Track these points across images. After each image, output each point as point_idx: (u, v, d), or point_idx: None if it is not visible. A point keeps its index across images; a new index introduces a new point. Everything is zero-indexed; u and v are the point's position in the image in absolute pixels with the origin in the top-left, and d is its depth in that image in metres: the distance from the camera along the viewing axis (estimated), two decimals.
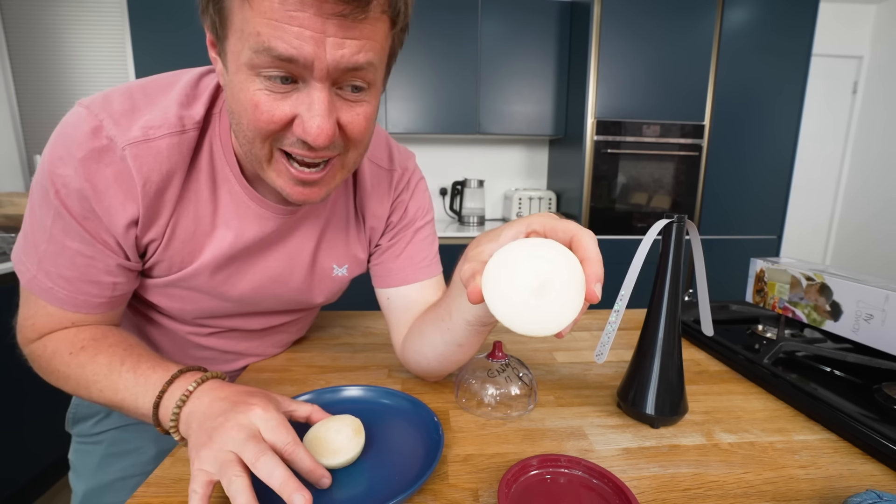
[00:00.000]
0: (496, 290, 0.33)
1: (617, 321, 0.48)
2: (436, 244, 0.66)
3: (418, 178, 0.64)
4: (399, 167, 0.61)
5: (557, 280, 0.33)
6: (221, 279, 0.54)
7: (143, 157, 0.43)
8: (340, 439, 0.41)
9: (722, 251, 2.44)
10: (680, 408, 0.50)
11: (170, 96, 0.46)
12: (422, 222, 0.64)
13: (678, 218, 0.47)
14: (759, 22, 2.24)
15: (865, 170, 3.05)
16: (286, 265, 0.57)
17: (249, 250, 0.53)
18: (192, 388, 0.41)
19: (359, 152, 0.45)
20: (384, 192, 0.60)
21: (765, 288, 0.74)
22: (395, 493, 0.36)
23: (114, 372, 0.44)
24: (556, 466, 0.40)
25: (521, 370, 0.55)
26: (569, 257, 0.34)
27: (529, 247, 0.35)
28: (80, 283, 0.46)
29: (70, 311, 0.47)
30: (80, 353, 0.46)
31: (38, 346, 0.48)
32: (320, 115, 0.37)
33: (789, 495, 0.40)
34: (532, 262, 0.34)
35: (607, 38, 2.20)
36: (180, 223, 0.48)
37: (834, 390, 0.56)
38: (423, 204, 0.64)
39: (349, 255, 0.61)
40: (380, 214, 0.61)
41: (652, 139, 2.29)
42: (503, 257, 0.35)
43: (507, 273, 0.34)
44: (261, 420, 0.37)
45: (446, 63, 2.42)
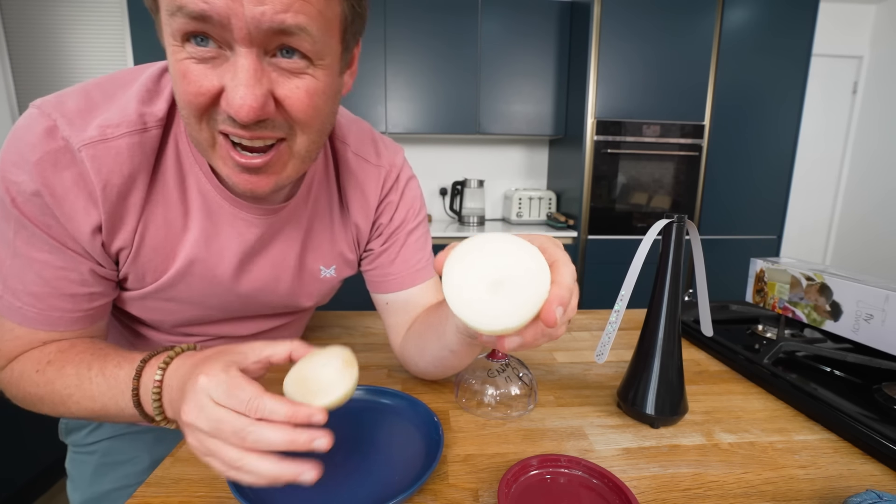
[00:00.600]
0: (452, 272, 0.32)
1: (617, 321, 0.48)
2: (429, 244, 0.64)
3: (408, 177, 0.61)
4: (387, 163, 0.58)
5: (515, 278, 0.31)
6: (197, 292, 0.51)
7: (102, 159, 0.40)
8: (328, 373, 0.35)
9: (722, 251, 2.44)
10: (680, 408, 0.50)
11: (129, 93, 0.42)
12: (414, 223, 0.61)
13: (678, 218, 0.47)
14: (759, 22, 2.24)
15: (865, 170, 3.05)
16: (271, 273, 0.54)
17: (232, 262, 0.50)
18: (158, 377, 0.38)
19: (310, 138, 0.40)
20: (372, 190, 0.57)
21: (765, 288, 0.74)
22: (395, 493, 0.36)
23: (84, 380, 0.41)
24: (556, 466, 0.40)
25: (521, 370, 0.55)
26: (539, 262, 0.31)
27: (501, 240, 0.32)
28: (51, 298, 0.43)
29: (43, 330, 0.44)
30: (47, 368, 0.42)
31: (6, 372, 0.44)
32: (244, 85, 0.33)
33: (789, 495, 0.40)
34: (496, 255, 0.32)
35: (607, 38, 2.20)
36: (149, 229, 0.45)
37: (834, 390, 0.56)
38: (415, 205, 0.61)
39: (336, 255, 0.59)
40: (366, 213, 0.58)
41: (652, 139, 2.29)
42: (471, 243, 0.33)
43: (468, 260, 0.32)
44: (208, 390, 0.32)
45: (446, 63, 2.42)
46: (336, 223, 0.58)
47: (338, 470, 0.40)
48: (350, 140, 0.56)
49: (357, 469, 0.41)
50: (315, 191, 0.54)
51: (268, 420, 0.31)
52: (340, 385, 0.35)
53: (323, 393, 0.34)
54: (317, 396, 0.34)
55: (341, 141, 0.56)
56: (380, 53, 2.38)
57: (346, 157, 0.56)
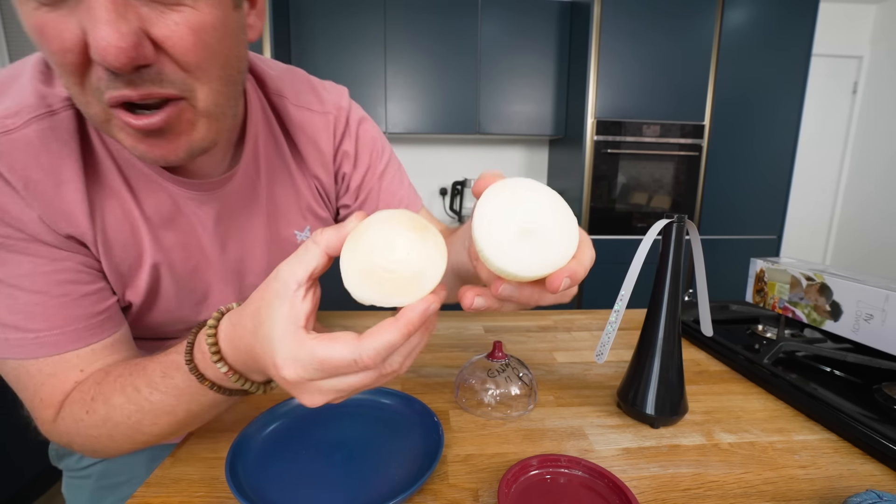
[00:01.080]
0: (487, 205, 0.28)
1: (617, 321, 0.48)
2: (405, 176, 0.60)
3: (358, 119, 0.56)
4: (332, 108, 0.54)
5: (545, 233, 0.28)
6: (184, 289, 0.48)
7: (11, 154, 0.35)
8: (402, 252, 0.27)
9: (722, 251, 2.44)
10: (680, 408, 0.50)
11: (22, 80, 0.38)
12: (381, 165, 0.57)
13: (678, 218, 0.47)
14: (759, 22, 2.24)
15: (865, 170, 3.05)
16: (243, 251, 0.50)
17: (200, 245, 0.47)
18: (223, 369, 0.33)
19: (213, 88, 0.34)
20: (324, 141, 0.53)
21: (765, 288, 0.74)
22: (395, 493, 0.36)
23: (143, 402, 0.37)
24: (556, 466, 0.40)
25: (521, 370, 0.55)
26: (572, 228, 0.28)
27: (539, 190, 0.29)
28: (60, 311, 0.38)
29: (72, 349, 0.39)
30: (94, 405, 0.38)
31: (61, 423, 0.40)
32: (104, 22, 0.28)
33: (789, 495, 0.40)
34: (530, 203, 0.28)
35: (607, 39, 2.20)
36: (108, 223, 0.41)
37: (834, 390, 0.56)
38: (375, 146, 0.57)
39: (306, 215, 0.55)
40: (324, 165, 0.54)
41: (652, 139, 2.29)
42: (508, 184, 0.29)
43: (503, 197, 0.28)
44: (304, 378, 0.27)
45: (446, 63, 2.42)
46: (297, 182, 0.54)
47: (338, 470, 0.40)
48: (287, 91, 0.52)
49: (357, 469, 0.41)
50: (264, 154, 0.50)
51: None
52: (430, 260, 0.27)
53: (415, 282, 0.27)
54: (408, 289, 0.27)
55: (277, 94, 0.51)
56: (380, 53, 2.38)
57: (287, 110, 0.51)
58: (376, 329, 0.26)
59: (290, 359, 0.26)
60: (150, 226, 0.44)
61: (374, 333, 0.26)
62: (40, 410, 0.40)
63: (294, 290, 0.28)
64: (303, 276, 0.28)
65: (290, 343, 0.27)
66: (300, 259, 0.28)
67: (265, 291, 0.29)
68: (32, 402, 0.40)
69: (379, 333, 0.26)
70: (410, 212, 0.29)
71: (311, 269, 0.28)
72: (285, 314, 0.27)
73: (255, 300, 0.30)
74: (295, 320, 0.27)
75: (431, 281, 0.27)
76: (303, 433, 0.46)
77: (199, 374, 0.34)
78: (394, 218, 0.28)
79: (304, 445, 0.44)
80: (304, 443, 0.44)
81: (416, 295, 0.27)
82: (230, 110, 0.38)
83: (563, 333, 0.78)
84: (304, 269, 0.28)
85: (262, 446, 0.43)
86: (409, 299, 0.27)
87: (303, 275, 0.28)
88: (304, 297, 0.28)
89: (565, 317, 0.87)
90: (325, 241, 0.28)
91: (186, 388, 0.36)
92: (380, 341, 0.26)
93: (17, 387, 0.40)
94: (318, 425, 0.47)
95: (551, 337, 0.77)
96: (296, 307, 0.27)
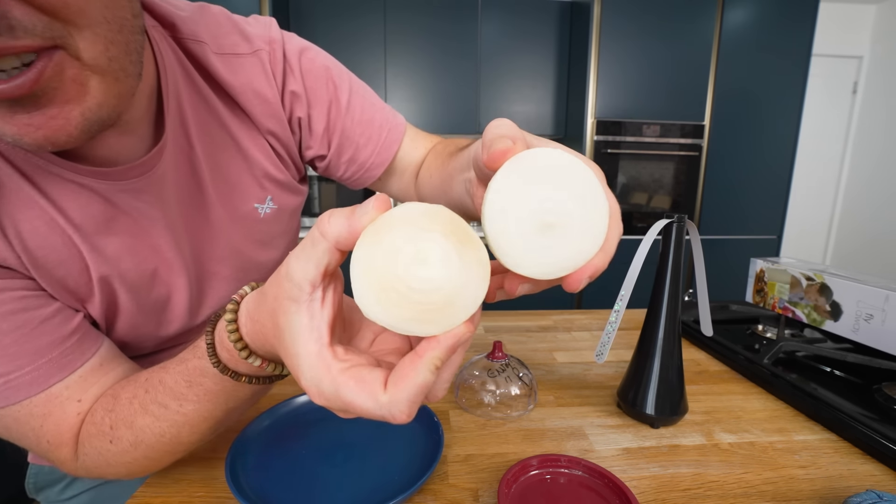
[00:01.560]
0: (500, 191, 0.23)
1: (617, 321, 0.48)
2: (377, 99, 0.52)
3: (298, 49, 0.47)
4: (262, 43, 0.45)
5: (569, 229, 0.23)
6: (145, 301, 0.42)
7: None
8: (435, 265, 0.21)
9: (722, 251, 2.44)
10: (680, 408, 0.50)
11: None
12: (345, 95, 0.49)
13: (678, 218, 0.47)
14: (759, 22, 2.24)
15: (865, 170, 3.05)
16: (202, 237, 0.44)
17: (153, 245, 0.41)
18: (257, 363, 0.30)
19: (95, 31, 0.27)
20: (263, 85, 0.45)
21: (765, 288, 0.74)
22: (395, 493, 0.36)
23: (176, 415, 0.34)
24: (556, 466, 0.40)
25: (521, 370, 0.55)
26: (601, 219, 0.24)
27: (570, 168, 0.23)
28: (20, 347, 0.33)
29: (55, 385, 0.35)
30: (117, 433, 0.35)
31: (85, 460, 0.36)
32: None
33: (789, 495, 0.40)
34: (556, 184, 0.23)
35: (607, 38, 2.20)
36: (28, 238, 0.34)
37: (834, 390, 0.56)
38: (329, 75, 0.48)
39: (264, 182, 0.48)
40: (274, 113, 0.46)
41: (652, 139, 2.29)
42: (530, 157, 0.23)
43: (522, 171, 0.23)
44: (330, 405, 0.24)
45: (446, 64, 2.42)
46: (244, 146, 0.46)
47: (338, 470, 0.40)
48: (205, 36, 0.43)
49: (357, 469, 0.41)
50: (193, 118, 0.42)
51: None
52: (469, 281, 0.21)
53: (447, 309, 0.21)
54: (437, 316, 0.21)
55: (194, 40, 0.42)
56: (380, 53, 2.38)
57: (210, 61, 0.42)
58: (401, 376, 0.22)
59: (315, 387, 0.23)
60: (82, 235, 0.36)
61: (400, 382, 0.21)
62: (54, 453, 0.36)
63: (310, 294, 0.23)
64: (316, 276, 0.23)
65: (315, 367, 0.23)
66: (309, 255, 0.23)
67: (278, 289, 0.25)
68: (40, 448, 0.36)
69: (405, 381, 0.21)
70: (448, 210, 0.22)
71: (323, 267, 0.23)
72: (305, 326, 0.24)
73: (269, 297, 0.26)
74: (318, 337, 0.23)
75: (468, 309, 0.21)
76: (303, 433, 0.46)
77: (232, 373, 0.31)
78: (426, 216, 0.21)
79: (304, 445, 0.44)
80: (304, 443, 0.44)
81: (445, 324, 0.21)
82: (132, 67, 0.30)
83: (563, 333, 0.78)
84: (315, 268, 0.23)
85: (262, 446, 0.43)
86: (437, 329, 0.21)
87: (315, 274, 0.23)
88: (322, 302, 0.24)
89: (565, 317, 0.87)
90: (335, 235, 0.21)
91: (221, 389, 0.33)
92: (408, 391, 0.21)
93: (13, 437, 0.36)
94: (318, 425, 0.47)
95: (551, 337, 0.77)
96: (315, 317, 0.24)
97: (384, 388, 0.22)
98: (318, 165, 0.52)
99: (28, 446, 0.36)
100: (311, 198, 2.37)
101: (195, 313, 0.48)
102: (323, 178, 2.28)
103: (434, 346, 0.21)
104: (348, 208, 0.22)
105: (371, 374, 0.22)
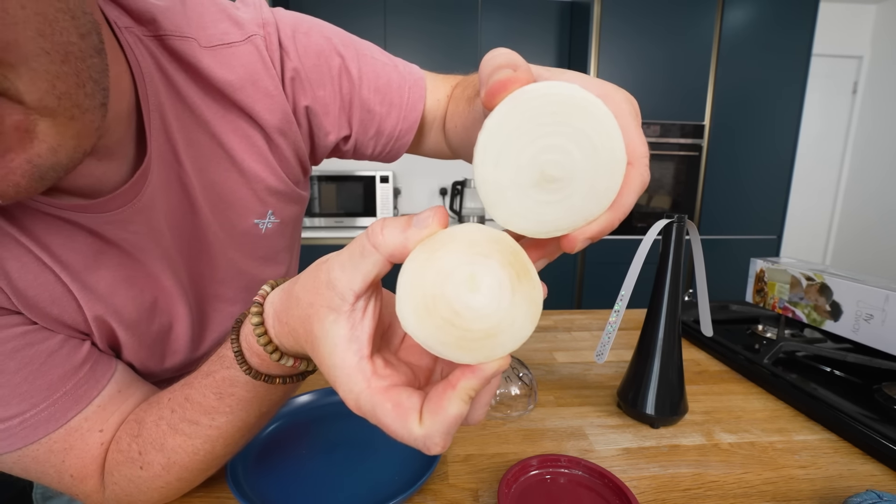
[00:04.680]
0: (499, 129, 0.20)
1: (617, 321, 0.48)
2: (387, 58, 0.48)
3: (290, 27, 0.42)
4: (256, 28, 0.40)
5: (574, 184, 0.20)
6: (146, 335, 0.40)
7: None
8: (485, 294, 0.20)
9: (722, 251, 2.44)
10: (680, 408, 0.50)
11: None
12: (354, 64, 0.44)
13: (678, 218, 0.47)
14: (759, 22, 2.24)
15: (865, 170, 3.05)
16: (192, 263, 0.41)
17: (148, 274, 0.38)
18: (286, 361, 0.29)
19: (29, 67, 0.22)
20: (262, 74, 0.39)
21: (765, 288, 0.74)
22: (395, 493, 0.36)
23: (208, 429, 0.32)
24: (556, 466, 0.40)
25: (521, 370, 0.55)
26: (615, 176, 0.21)
27: (588, 111, 0.20)
28: (31, 384, 0.32)
29: (73, 418, 0.33)
30: (147, 458, 0.33)
31: (115, 489, 0.35)
32: None
33: (789, 495, 0.40)
34: (565, 130, 0.20)
35: (607, 38, 2.20)
36: (16, 277, 0.32)
37: (834, 390, 0.56)
38: (329, 45, 0.43)
39: (264, 195, 0.44)
40: (277, 106, 0.41)
41: (652, 139, 2.29)
42: (520, 112, 0.20)
43: (527, 116, 0.20)
44: (364, 415, 0.23)
45: (447, 64, 2.42)
46: (241, 156, 0.41)
47: (338, 470, 0.40)
48: (190, 29, 0.37)
49: (357, 469, 0.41)
50: (180, 133, 0.38)
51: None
52: (517, 317, 0.20)
53: (488, 340, 0.20)
54: (476, 345, 0.20)
55: (179, 37, 0.36)
56: None
57: (200, 59, 0.37)
58: (435, 406, 0.21)
59: (354, 400, 0.22)
60: (70, 273, 0.33)
61: (435, 414, 0.21)
62: (79, 487, 0.34)
63: (352, 305, 0.22)
64: (362, 288, 0.22)
65: (354, 381, 0.22)
66: (356, 265, 0.21)
67: (316, 296, 0.23)
68: (62, 484, 0.34)
69: (439, 413, 0.20)
70: (512, 239, 0.20)
71: (371, 279, 0.22)
72: (344, 338, 0.22)
73: (302, 302, 0.25)
74: (358, 349, 0.22)
75: (508, 346, 0.20)
76: (303, 433, 0.46)
77: (265, 377, 0.30)
78: (488, 242, 0.20)
79: (304, 445, 0.44)
80: (304, 443, 0.44)
81: (482, 356, 0.20)
82: (88, 100, 0.25)
83: (563, 333, 0.78)
84: (362, 279, 0.21)
85: (262, 446, 0.43)
86: (472, 359, 0.20)
87: (362, 286, 0.22)
88: (364, 312, 0.23)
89: (565, 317, 0.87)
90: (389, 248, 0.20)
91: (254, 396, 0.31)
92: (442, 424, 0.21)
93: (32, 477, 0.34)
94: (318, 425, 0.47)
95: (551, 337, 0.77)
96: (356, 328, 0.22)
97: (420, 418, 0.21)
98: (345, 149, 0.48)
99: (49, 483, 0.35)
100: (312, 198, 2.37)
101: (199, 340, 0.45)
102: (323, 177, 2.28)
103: (469, 376, 0.20)
104: (403, 218, 0.21)
105: (409, 399, 0.21)
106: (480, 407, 0.23)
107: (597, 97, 0.20)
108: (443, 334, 0.20)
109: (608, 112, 0.20)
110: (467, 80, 0.47)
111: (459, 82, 0.49)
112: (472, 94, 0.40)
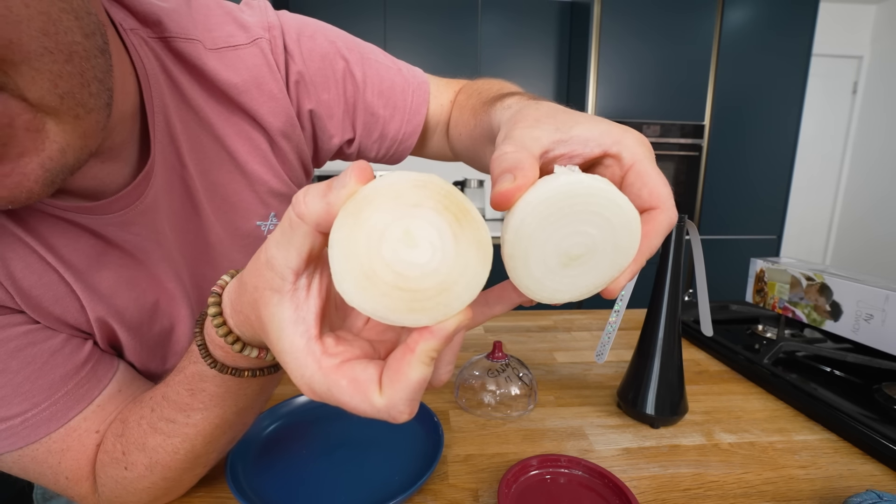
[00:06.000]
0: (522, 223, 0.21)
1: (617, 321, 0.48)
2: (391, 62, 0.48)
3: (295, 31, 0.42)
4: (261, 31, 0.40)
5: (596, 257, 0.22)
6: (147, 337, 0.39)
7: None
8: (426, 247, 0.18)
9: (722, 251, 2.44)
10: (680, 408, 0.50)
11: None
12: (358, 68, 0.44)
13: (678, 218, 0.47)
14: (759, 22, 2.24)
15: (865, 169, 3.05)
16: (194, 265, 0.41)
17: (151, 275, 0.38)
18: (255, 353, 0.28)
19: (31, 66, 0.22)
20: (267, 79, 0.40)
21: (765, 288, 0.74)
22: (395, 493, 0.36)
23: (183, 427, 0.32)
24: (556, 466, 0.40)
25: (521, 370, 0.55)
26: (632, 241, 0.22)
27: (605, 199, 0.21)
28: (32, 383, 0.32)
29: (73, 418, 0.33)
30: (130, 458, 0.33)
31: (104, 490, 0.34)
32: None
33: (789, 495, 0.40)
34: (585, 219, 0.21)
35: (607, 38, 2.20)
36: (20, 276, 0.32)
37: (834, 390, 0.56)
38: (334, 49, 0.43)
39: (267, 198, 0.44)
40: (282, 110, 0.41)
41: (652, 139, 2.29)
42: (541, 213, 0.21)
43: (541, 236, 0.21)
44: (318, 398, 0.22)
45: (447, 64, 2.42)
46: (244, 158, 0.41)
47: (338, 470, 0.40)
48: (196, 31, 0.37)
49: (357, 469, 0.41)
50: (184, 135, 0.38)
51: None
52: (467, 265, 0.18)
53: (440, 297, 0.18)
54: (429, 304, 0.18)
55: (184, 39, 0.37)
56: None
57: (205, 61, 0.37)
58: (394, 374, 0.20)
59: (306, 384, 0.21)
60: (74, 273, 0.34)
61: (395, 382, 0.20)
62: (73, 489, 0.34)
63: (293, 284, 0.21)
64: (299, 264, 0.20)
65: (304, 364, 0.21)
66: (289, 240, 0.20)
67: (258, 278, 0.22)
68: (58, 485, 0.34)
69: (399, 380, 0.20)
70: (441, 180, 0.18)
71: (306, 253, 0.20)
72: (290, 319, 0.21)
73: (248, 287, 0.24)
74: (305, 330, 0.21)
75: (464, 297, 0.19)
76: (303, 433, 0.46)
77: (232, 370, 0.29)
78: (416, 189, 0.18)
79: (304, 445, 0.44)
80: (305, 443, 0.44)
81: (439, 314, 0.19)
82: (93, 100, 0.26)
83: (563, 333, 0.78)
84: (297, 254, 0.20)
85: (262, 446, 0.43)
86: (429, 319, 0.19)
87: (298, 262, 0.20)
88: (307, 290, 0.21)
89: (565, 317, 0.87)
90: (314, 217, 0.18)
91: (225, 391, 0.31)
92: (405, 391, 0.20)
93: (30, 477, 0.34)
94: (319, 425, 0.47)
95: (551, 337, 0.77)
96: (301, 308, 0.21)
97: (379, 387, 0.20)
98: (348, 152, 0.48)
99: (46, 484, 0.35)
100: None
101: None
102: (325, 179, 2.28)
103: (427, 337, 0.19)
104: (324, 183, 0.19)
105: (365, 371, 0.20)
106: (444, 366, 0.23)
107: (584, 177, 0.21)
108: (391, 301, 0.18)
109: (602, 185, 0.21)
110: (471, 85, 0.47)
111: (463, 87, 0.49)
112: (477, 105, 0.41)
